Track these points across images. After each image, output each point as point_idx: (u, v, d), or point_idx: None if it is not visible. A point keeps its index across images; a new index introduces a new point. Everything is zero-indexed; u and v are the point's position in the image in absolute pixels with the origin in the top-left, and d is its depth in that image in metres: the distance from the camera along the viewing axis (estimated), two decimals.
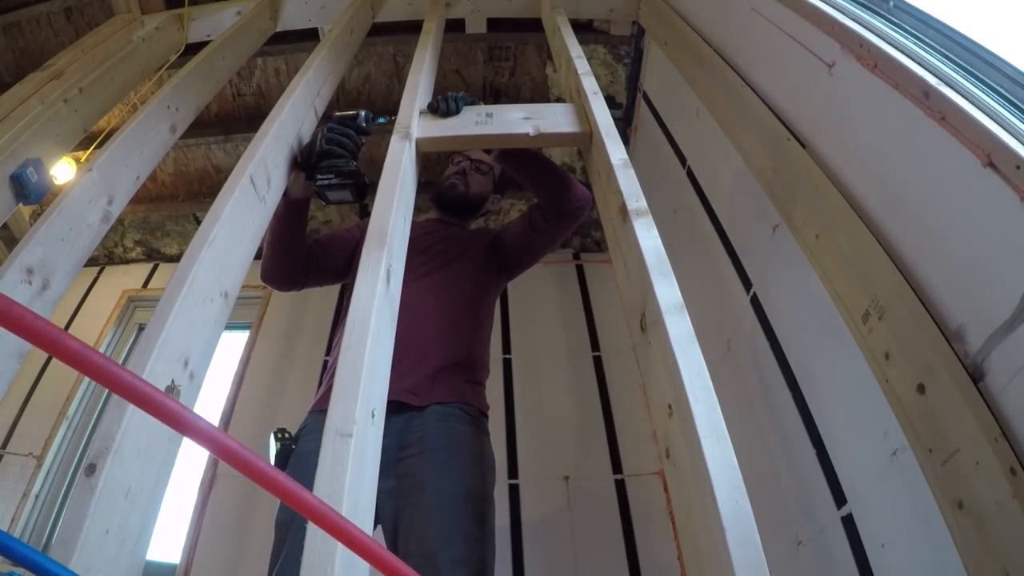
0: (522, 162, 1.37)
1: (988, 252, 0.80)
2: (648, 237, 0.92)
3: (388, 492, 1.02)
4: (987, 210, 0.79)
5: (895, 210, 0.99)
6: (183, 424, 0.37)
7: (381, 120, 1.26)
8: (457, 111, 1.27)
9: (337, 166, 1.20)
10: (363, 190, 1.23)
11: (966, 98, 0.85)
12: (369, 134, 1.29)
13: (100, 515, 0.67)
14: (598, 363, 2.52)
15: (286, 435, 1.20)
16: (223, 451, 0.39)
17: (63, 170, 2.09)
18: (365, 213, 2.94)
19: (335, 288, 2.82)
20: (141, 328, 2.87)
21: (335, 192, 1.22)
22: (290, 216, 1.32)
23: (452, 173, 1.59)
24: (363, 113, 1.31)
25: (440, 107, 1.28)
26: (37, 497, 2.32)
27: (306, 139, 1.38)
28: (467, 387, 1.26)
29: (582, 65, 1.47)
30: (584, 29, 2.39)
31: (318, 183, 1.21)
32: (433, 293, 1.37)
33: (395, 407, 1.06)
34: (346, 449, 0.66)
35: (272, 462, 1.17)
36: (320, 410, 1.23)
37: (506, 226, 1.59)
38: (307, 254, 1.45)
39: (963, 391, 0.76)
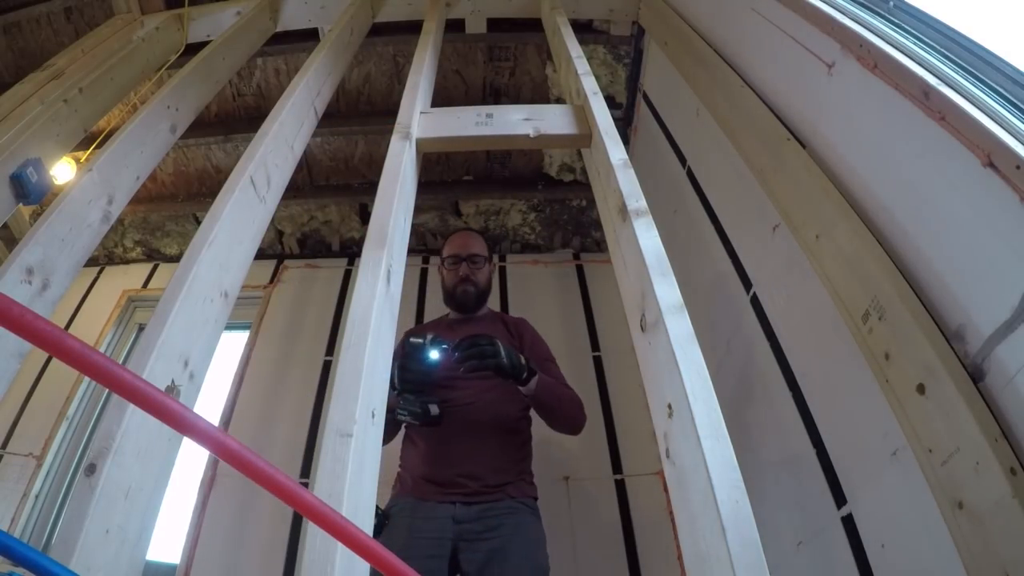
0: (539, 405, 1.53)
1: (988, 252, 0.80)
2: (648, 237, 0.92)
3: (473, 563, 1.37)
4: (987, 210, 0.79)
5: (895, 210, 0.99)
6: (183, 424, 0.37)
7: (444, 346, 1.43)
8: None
9: (410, 403, 1.42)
10: (427, 420, 1.43)
11: (966, 98, 0.85)
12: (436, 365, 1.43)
13: (100, 515, 0.67)
14: (598, 363, 2.52)
15: (378, 511, 1.42)
16: (223, 451, 0.39)
17: (63, 170, 2.09)
18: (365, 214, 2.95)
19: (335, 288, 2.84)
20: (141, 328, 2.87)
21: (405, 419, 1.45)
22: (395, 425, 1.52)
23: (457, 281, 1.75)
24: (427, 342, 1.44)
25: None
26: (37, 497, 2.32)
27: (306, 140, 1.40)
28: (526, 486, 1.55)
29: (582, 65, 1.47)
30: (584, 29, 2.39)
31: (398, 417, 1.43)
32: (495, 408, 1.56)
33: (476, 502, 1.44)
34: (346, 449, 0.66)
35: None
36: (404, 495, 1.50)
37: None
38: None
39: (963, 391, 0.76)
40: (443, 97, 2.50)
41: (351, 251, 3.03)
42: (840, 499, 1.13)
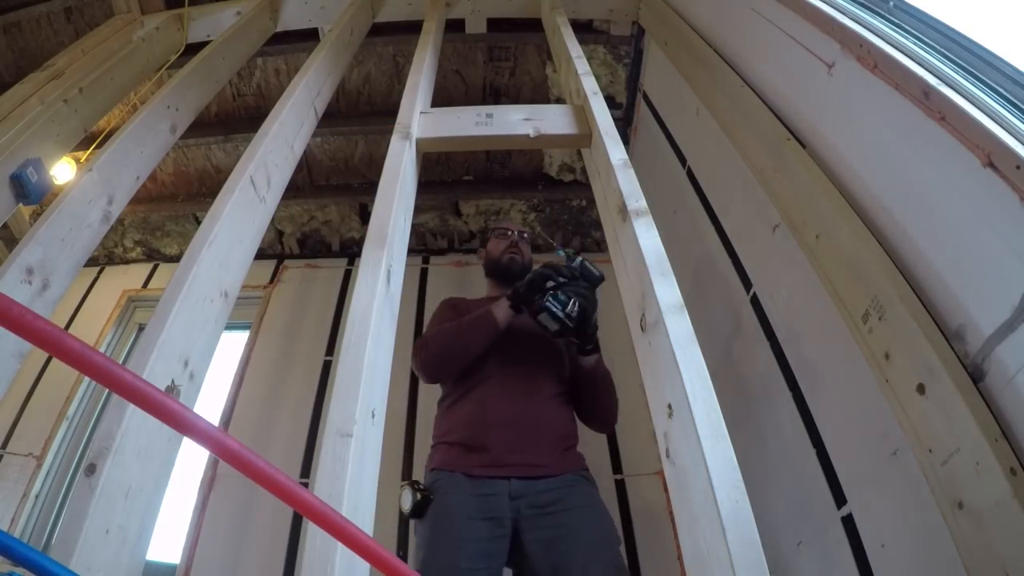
0: (591, 383, 1.52)
1: (988, 252, 0.80)
2: (648, 237, 0.92)
3: (540, 542, 1.26)
4: (987, 210, 0.79)
5: (895, 210, 0.99)
6: (183, 424, 0.37)
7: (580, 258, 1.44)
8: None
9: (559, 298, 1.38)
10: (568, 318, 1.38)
11: (966, 98, 0.85)
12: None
13: (100, 515, 0.67)
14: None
15: (420, 486, 1.34)
16: (223, 451, 0.39)
17: (63, 170, 2.09)
18: (365, 214, 2.95)
19: (335, 288, 2.84)
20: (141, 328, 2.87)
21: (551, 324, 1.39)
22: (495, 338, 1.48)
23: (507, 247, 1.77)
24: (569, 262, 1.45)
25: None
26: (37, 497, 2.32)
27: (306, 140, 1.39)
28: (580, 456, 1.49)
29: (582, 65, 1.47)
30: (584, 29, 2.39)
31: (547, 304, 1.37)
32: (544, 374, 1.52)
33: (531, 476, 1.33)
34: (346, 449, 0.66)
35: (408, 511, 1.30)
36: (449, 470, 1.37)
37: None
38: None
39: (963, 391, 0.76)
40: (443, 97, 2.50)
41: (351, 251, 3.03)
42: (840, 499, 1.13)
